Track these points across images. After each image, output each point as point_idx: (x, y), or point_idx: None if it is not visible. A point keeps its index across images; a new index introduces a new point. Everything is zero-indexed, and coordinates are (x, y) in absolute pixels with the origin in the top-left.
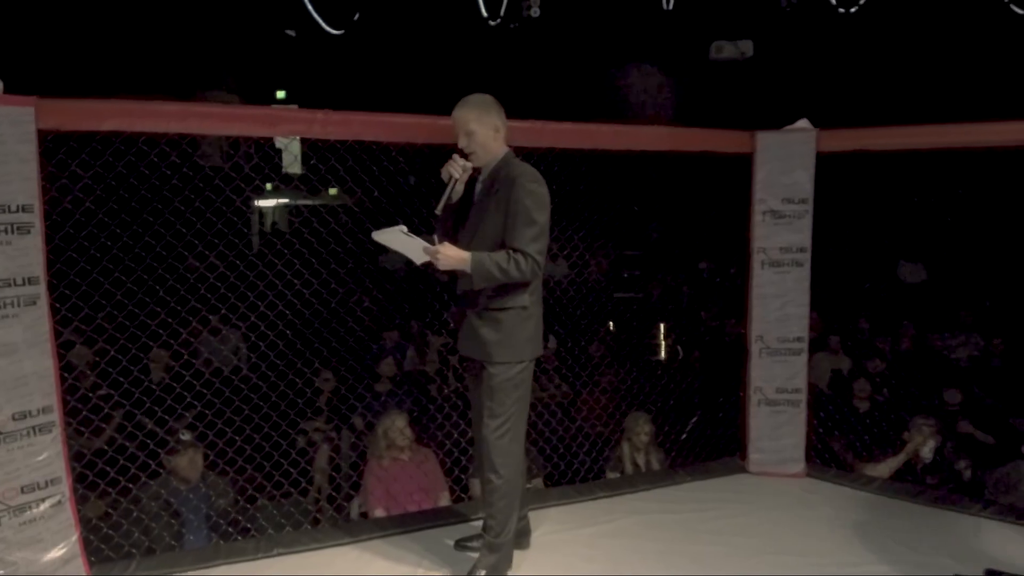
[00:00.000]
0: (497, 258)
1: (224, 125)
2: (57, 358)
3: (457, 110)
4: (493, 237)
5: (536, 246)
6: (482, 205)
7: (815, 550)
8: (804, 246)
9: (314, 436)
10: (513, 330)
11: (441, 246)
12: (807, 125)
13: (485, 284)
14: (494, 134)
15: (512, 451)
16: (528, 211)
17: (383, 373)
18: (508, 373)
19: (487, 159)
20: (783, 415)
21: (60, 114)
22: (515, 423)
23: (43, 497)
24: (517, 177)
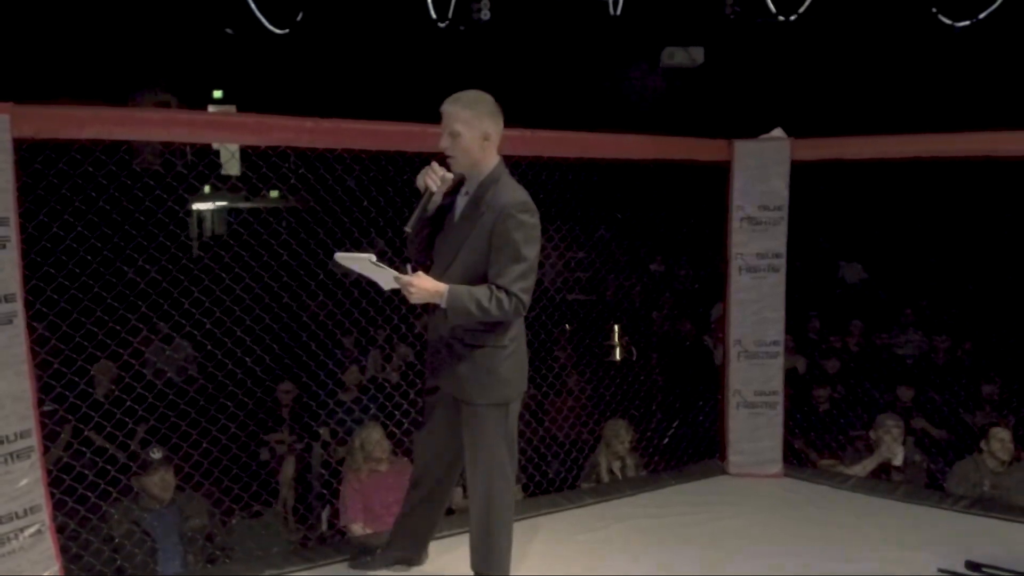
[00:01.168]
0: (477, 295)
1: (211, 133)
2: (34, 379)
3: (447, 104)
4: (473, 267)
5: (522, 284)
6: (463, 228)
7: (806, 550)
8: (780, 252)
9: (278, 448)
10: (491, 369)
11: (414, 276)
12: (781, 134)
13: (461, 322)
14: (482, 142)
15: (507, 497)
16: (516, 246)
17: (348, 382)
18: (489, 416)
19: (470, 169)
20: (761, 417)
21: (37, 121)
22: (506, 467)
23: (22, 527)
24: (509, 206)
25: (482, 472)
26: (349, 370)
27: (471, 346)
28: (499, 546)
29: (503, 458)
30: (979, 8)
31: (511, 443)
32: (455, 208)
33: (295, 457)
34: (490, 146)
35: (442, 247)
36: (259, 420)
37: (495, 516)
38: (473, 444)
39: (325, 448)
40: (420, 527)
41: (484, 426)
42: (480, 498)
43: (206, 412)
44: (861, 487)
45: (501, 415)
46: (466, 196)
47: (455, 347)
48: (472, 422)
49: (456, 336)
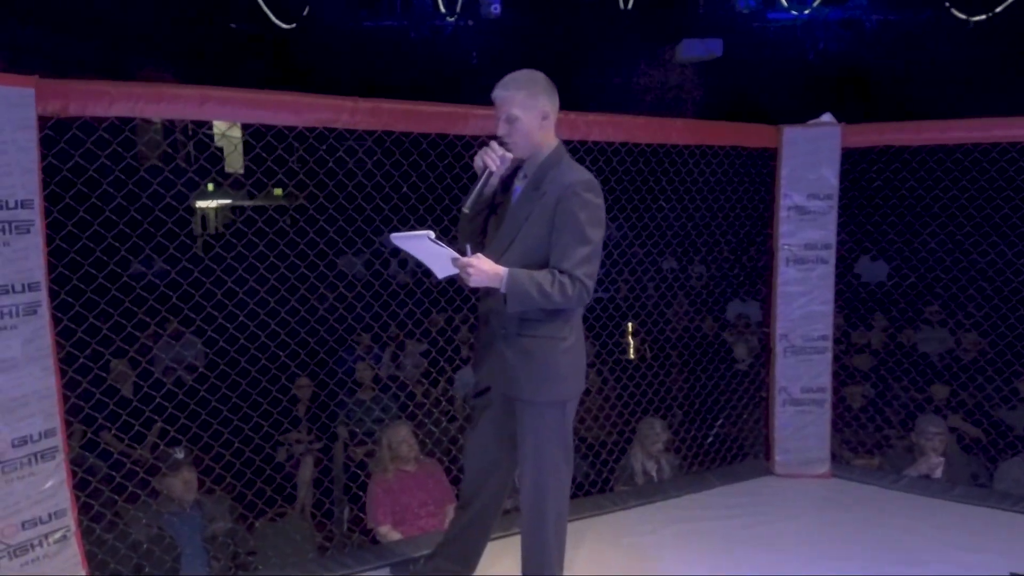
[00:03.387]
0: (539, 279)
1: (245, 112)
2: (59, 374)
3: (499, 90)
4: (534, 251)
5: (586, 269)
6: (523, 209)
7: (867, 553)
8: (829, 243)
9: (295, 448)
10: (547, 364)
11: (474, 258)
12: (831, 119)
13: (521, 308)
14: (541, 122)
15: (561, 500)
16: (581, 227)
17: (361, 379)
18: (544, 414)
19: (531, 151)
20: (808, 415)
21: (64, 97)
22: (560, 469)
23: (46, 532)
24: (573, 184)
25: (535, 475)
26: (362, 367)
27: (526, 337)
28: (551, 553)
29: (558, 461)
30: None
31: (567, 444)
32: (512, 193)
33: (313, 457)
34: (549, 125)
35: (497, 233)
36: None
37: (548, 522)
38: (526, 445)
39: (344, 448)
40: (469, 548)
41: (539, 426)
42: (532, 502)
43: (219, 411)
44: (914, 487)
45: (557, 414)
46: (524, 179)
47: (509, 339)
48: (526, 421)
49: (510, 327)
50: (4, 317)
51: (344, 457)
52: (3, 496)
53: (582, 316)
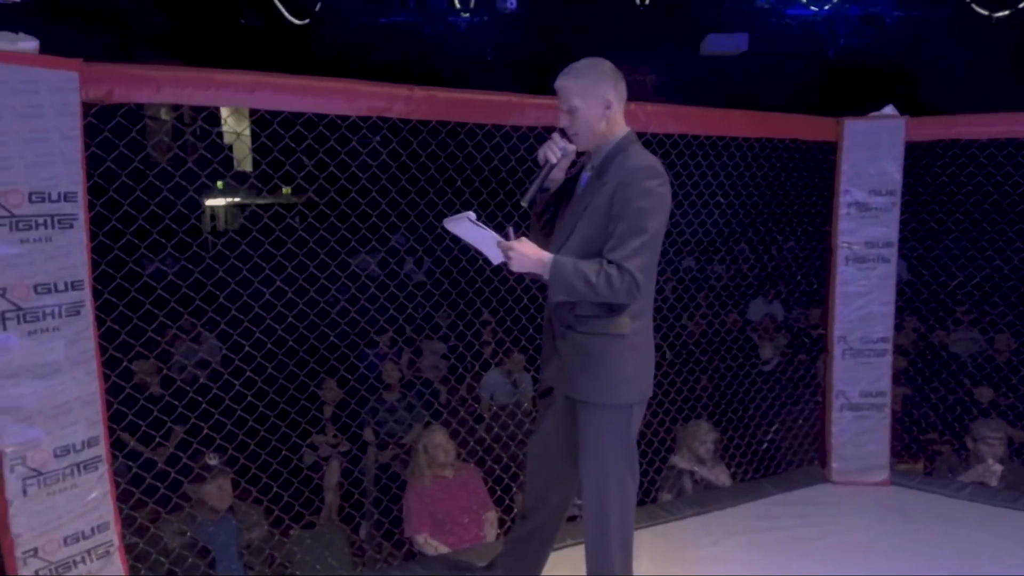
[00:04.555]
0: (584, 268)
1: (297, 99)
2: (103, 379)
3: (560, 79)
4: (592, 241)
5: (638, 261)
6: (584, 199)
7: (940, 566)
8: (891, 241)
9: (322, 452)
10: (607, 363)
11: (516, 242)
12: (893, 112)
13: (563, 297)
14: (604, 111)
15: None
16: (640, 216)
17: (388, 380)
18: (605, 419)
19: (596, 142)
20: (867, 420)
21: (109, 82)
22: (624, 477)
23: (89, 548)
24: (633, 171)
25: (597, 482)
26: (389, 368)
27: (582, 334)
28: (617, 564)
29: (621, 469)
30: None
31: (631, 451)
32: (578, 185)
33: (339, 461)
34: (613, 114)
35: (561, 224)
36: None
37: (611, 529)
38: (588, 450)
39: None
40: (530, 560)
41: (601, 430)
42: (594, 512)
43: (248, 415)
44: (978, 496)
45: (621, 419)
46: (591, 171)
47: (566, 334)
48: (587, 424)
49: (564, 322)
50: (47, 318)
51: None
52: (44, 510)
53: (652, 313)
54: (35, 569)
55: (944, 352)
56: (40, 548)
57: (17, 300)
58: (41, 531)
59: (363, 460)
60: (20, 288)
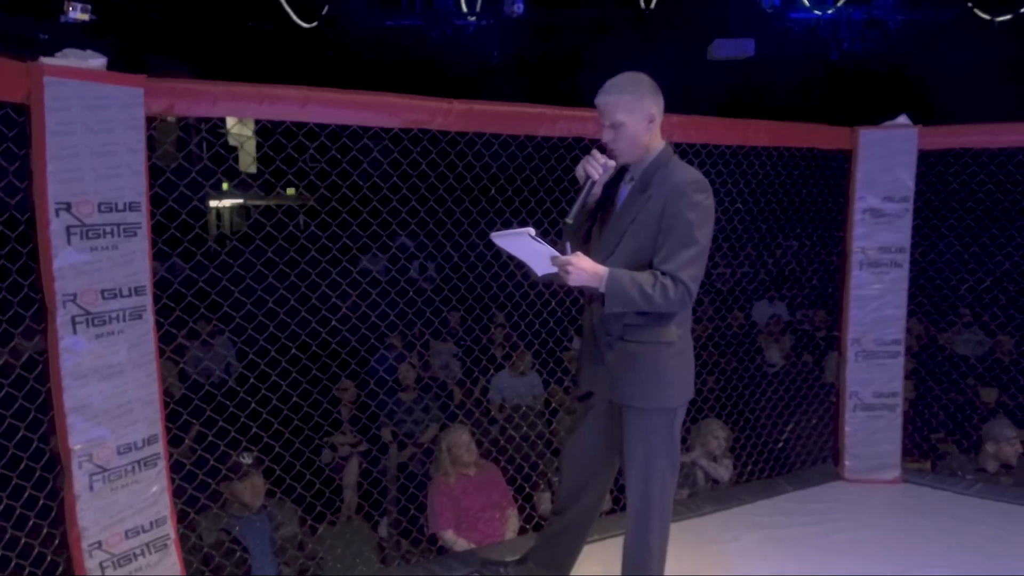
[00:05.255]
0: (640, 280)
1: (344, 113)
2: (161, 380)
3: (602, 95)
4: (640, 253)
5: (691, 271)
6: (629, 212)
7: (957, 561)
8: (904, 246)
9: (341, 450)
10: (656, 369)
11: (573, 256)
12: (907, 121)
13: (620, 309)
14: (647, 125)
15: (665, 507)
16: (690, 228)
17: (404, 380)
18: (652, 422)
19: (639, 155)
20: (880, 420)
21: (170, 96)
22: (667, 477)
23: (148, 541)
24: (681, 185)
25: (642, 482)
26: (405, 368)
27: (632, 343)
28: (655, 558)
29: (664, 470)
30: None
31: (674, 453)
32: (617, 197)
33: (357, 460)
34: (655, 128)
35: (602, 237)
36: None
37: (652, 527)
38: (635, 452)
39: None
40: (562, 554)
41: (648, 433)
42: (638, 509)
43: (273, 414)
44: (988, 493)
45: (666, 422)
46: (631, 182)
47: (615, 344)
48: (635, 428)
49: (614, 331)
50: (112, 322)
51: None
52: (107, 505)
53: (691, 319)
54: (99, 561)
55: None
56: (104, 541)
57: (86, 305)
58: (105, 525)
59: (382, 459)
60: (89, 293)
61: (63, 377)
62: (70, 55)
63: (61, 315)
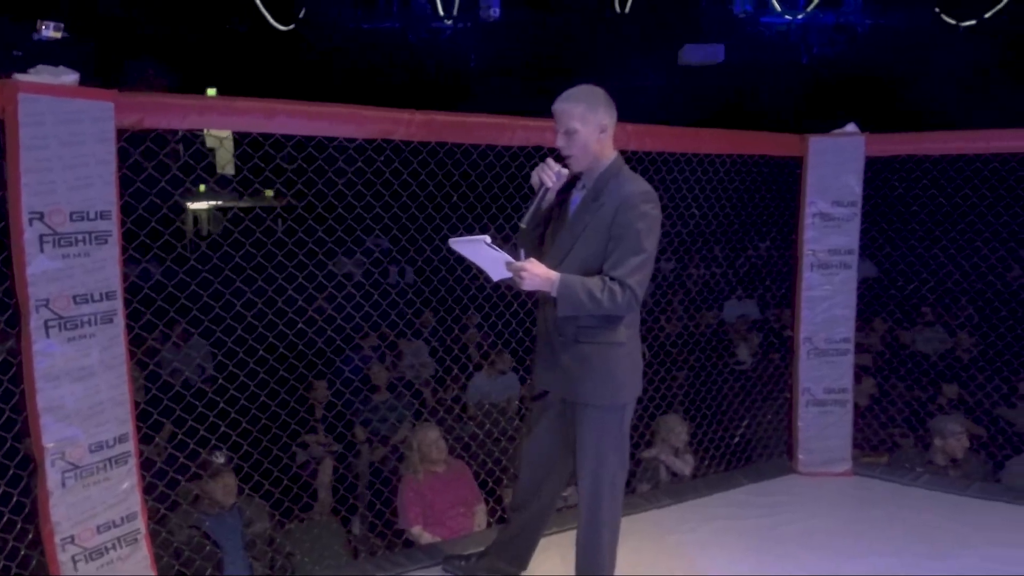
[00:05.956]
0: (590, 285)
1: (310, 124)
2: (132, 381)
3: (559, 103)
4: (590, 260)
5: (637, 277)
6: (581, 220)
7: (900, 548)
8: (852, 248)
9: (314, 451)
10: (605, 368)
11: (527, 262)
12: (855, 130)
13: (571, 312)
14: (599, 135)
15: (615, 502)
16: (638, 237)
17: (376, 381)
18: (603, 419)
19: (590, 164)
20: (831, 415)
21: (140, 110)
22: (616, 472)
23: (120, 536)
24: (631, 195)
25: (593, 477)
26: (376, 369)
27: (584, 343)
28: (605, 551)
29: (614, 466)
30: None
31: (623, 447)
32: (570, 204)
33: (331, 460)
34: (607, 138)
35: (555, 242)
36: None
37: (603, 521)
38: (585, 448)
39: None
40: (522, 548)
41: (596, 430)
42: (589, 504)
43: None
44: (935, 484)
45: (616, 419)
46: (583, 190)
47: (567, 345)
48: (585, 425)
49: (567, 333)
50: (84, 326)
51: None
52: (80, 501)
53: (639, 322)
54: (71, 555)
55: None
56: (76, 536)
57: (59, 310)
58: (77, 520)
59: (353, 460)
60: (62, 299)
61: (36, 379)
62: (43, 71)
63: (34, 319)
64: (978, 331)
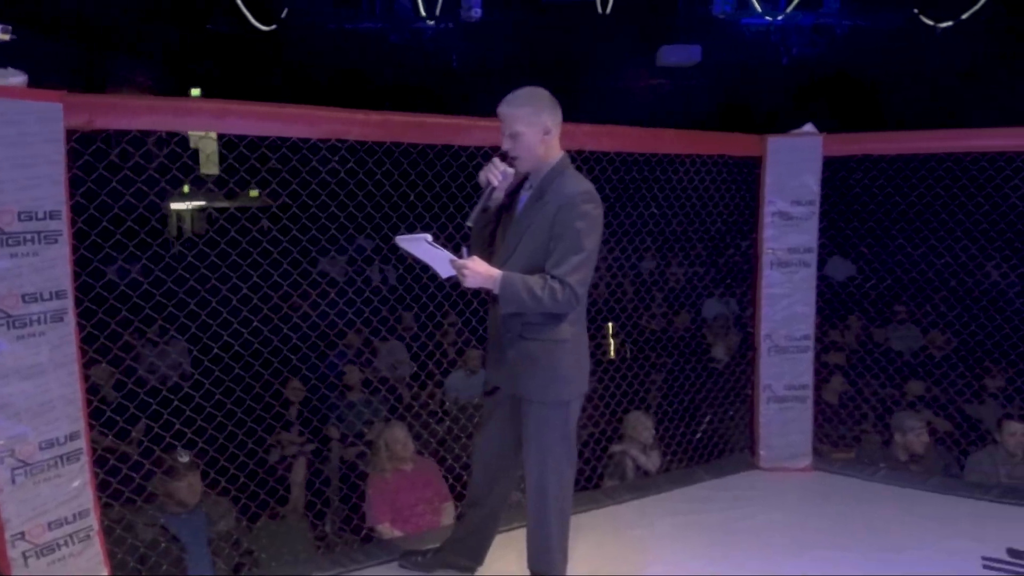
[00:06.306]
0: (531, 283)
1: (262, 124)
2: (83, 379)
3: (504, 106)
4: (534, 259)
5: (578, 276)
6: (526, 218)
7: (852, 542)
8: (811, 246)
9: (288, 449)
10: (550, 365)
11: (469, 260)
12: (813, 130)
13: (513, 309)
14: (543, 137)
15: (563, 497)
16: (578, 236)
17: (350, 381)
18: (548, 415)
19: (535, 164)
20: (792, 411)
21: (89, 111)
22: (563, 468)
23: (71, 532)
24: (572, 195)
25: (539, 473)
26: (350, 369)
27: (529, 340)
28: (555, 546)
29: (561, 460)
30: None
31: (570, 443)
32: (518, 203)
33: (305, 459)
34: (551, 140)
35: (504, 240)
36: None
37: (551, 516)
38: (530, 443)
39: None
40: (478, 543)
41: (543, 425)
42: (536, 500)
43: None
44: (893, 479)
45: (561, 414)
46: (530, 190)
47: (513, 341)
48: (531, 420)
49: (513, 330)
50: (34, 324)
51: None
52: (31, 498)
53: (586, 319)
54: (22, 551)
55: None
56: (27, 532)
57: (7, 309)
58: (28, 517)
59: (327, 456)
60: (10, 298)
61: None
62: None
63: None
64: (950, 328)
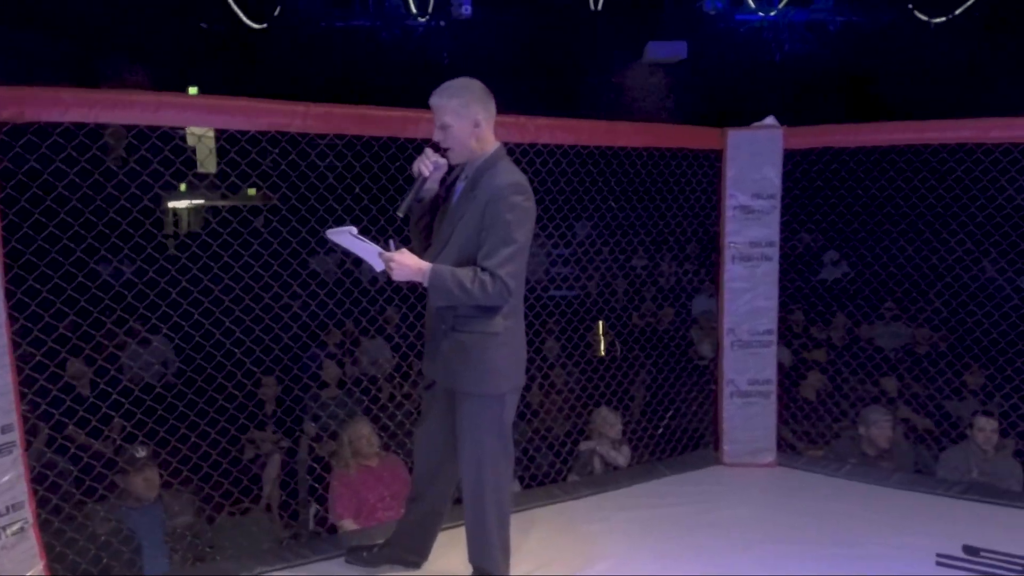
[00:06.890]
0: (461, 276)
1: (201, 116)
2: (16, 371)
3: (434, 98)
4: (466, 250)
5: (508, 268)
6: (459, 210)
7: (808, 537)
8: (773, 240)
9: (263, 446)
10: (483, 358)
11: (396, 253)
12: (774, 122)
13: (443, 302)
14: (473, 129)
15: (500, 491)
16: (507, 228)
17: (327, 378)
18: (481, 408)
19: (467, 156)
20: (755, 406)
21: (19, 103)
22: (499, 461)
23: (4, 525)
24: (501, 187)
25: (474, 467)
26: (327, 366)
27: (462, 332)
28: (494, 540)
29: (495, 451)
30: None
31: (505, 436)
32: (453, 194)
33: (280, 456)
34: (483, 132)
35: (439, 232)
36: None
37: (488, 510)
38: (464, 436)
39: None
40: (423, 537)
41: (476, 418)
42: (472, 494)
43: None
44: (855, 475)
45: (495, 407)
46: (465, 181)
47: (447, 334)
48: (464, 413)
49: (447, 322)
50: None
51: (310, 456)
52: None
53: (522, 312)
54: None
55: (870, 346)
56: None
57: None
58: None
59: (299, 454)
60: None
61: None
62: None
63: None
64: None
